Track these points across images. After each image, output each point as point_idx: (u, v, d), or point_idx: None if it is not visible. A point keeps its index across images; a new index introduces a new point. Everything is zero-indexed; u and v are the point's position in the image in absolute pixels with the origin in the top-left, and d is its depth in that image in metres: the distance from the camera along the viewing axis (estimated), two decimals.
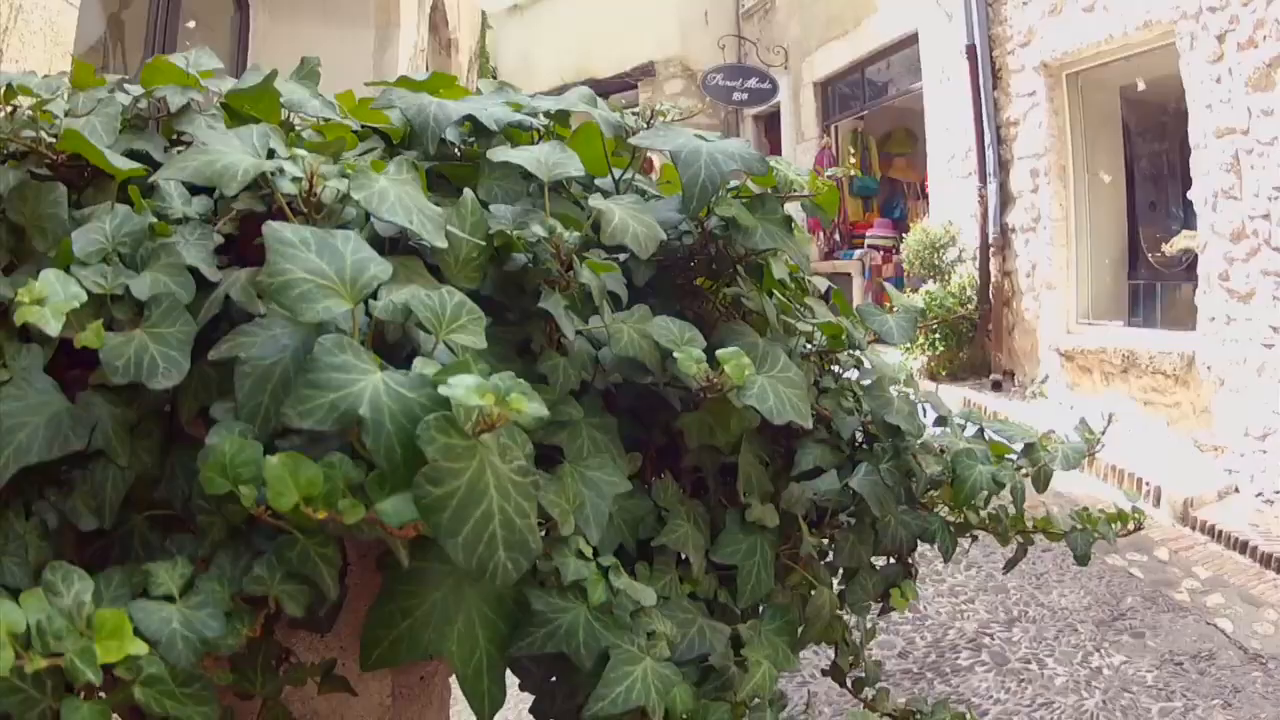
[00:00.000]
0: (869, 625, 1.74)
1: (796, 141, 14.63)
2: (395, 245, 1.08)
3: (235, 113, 1.33)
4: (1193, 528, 6.19)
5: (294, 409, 0.80)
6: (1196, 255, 7.16)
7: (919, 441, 1.50)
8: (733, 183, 1.41)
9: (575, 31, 17.01)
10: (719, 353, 1.11)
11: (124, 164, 1.14)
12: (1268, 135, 6.16)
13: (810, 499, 1.52)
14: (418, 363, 0.82)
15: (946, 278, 9.62)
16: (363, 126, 1.46)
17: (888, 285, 1.60)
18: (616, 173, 1.53)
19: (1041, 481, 1.57)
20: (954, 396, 9.10)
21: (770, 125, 15.95)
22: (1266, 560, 5.52)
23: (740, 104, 15.19)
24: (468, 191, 1.12)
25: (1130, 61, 8.01)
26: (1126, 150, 9.01)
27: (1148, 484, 6.74)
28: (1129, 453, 7.18)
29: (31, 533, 1.00)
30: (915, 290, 9.67)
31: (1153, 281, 8.58)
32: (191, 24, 6.41)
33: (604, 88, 17.05)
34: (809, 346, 1.55)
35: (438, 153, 1.34)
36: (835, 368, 1.62)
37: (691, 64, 15.90)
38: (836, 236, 13.49)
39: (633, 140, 1.41)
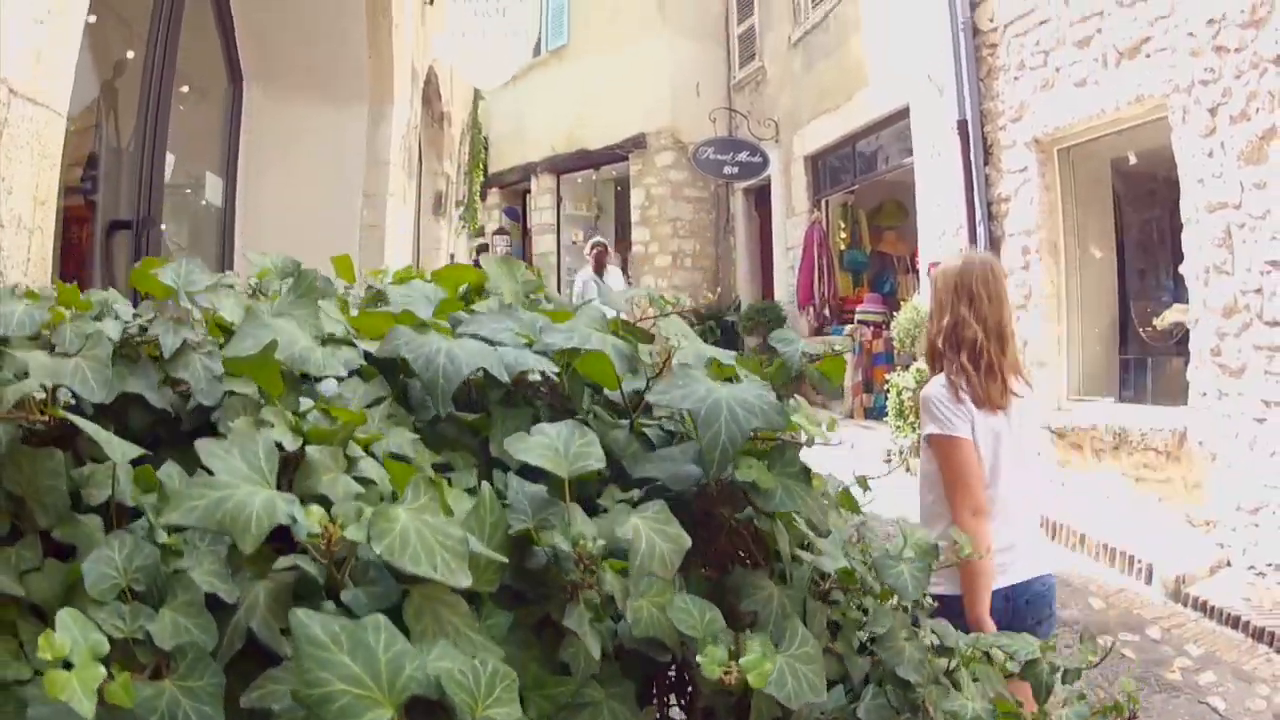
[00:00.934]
0: None
1: (787, 215, 14.70)
2: None
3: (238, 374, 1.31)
4: (1185, 604, 6.17)
5: None
6: (1188, 330, 7.17)
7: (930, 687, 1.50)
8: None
9: (567, 102, 17.15)
10: (743, 661, 1.11)
11: (121, 451, 1.13)
12: (1259, 209, 6.19)
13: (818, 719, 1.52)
14: None
15: None
16: (367, 361, 1.45)
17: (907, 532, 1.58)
18: (629, 386, 1.53)
19: (1042, 695, 1.58)
20: None
21: (760, 199, 16.04)
22: (1259, 635, 5.51)
23: (731, 178, 15.26)
24: (485, 487, 1.13)
25: (1122, 135, 8.06)
26: (1117, 223, 9.05)
27: (1139, 561, 6.71)
28: (1120, 530, 7.16)
29: None
30: (906, 368, 9.68)
31: (1144, 356, 8.59)
32: (185, 89, 6.42)
33: (595, 159, 17.15)
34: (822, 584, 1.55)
35: None
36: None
37: (683, 136, 16.05)
38: (826, 312, 13.45)
39: (650, 397, 1.42)
